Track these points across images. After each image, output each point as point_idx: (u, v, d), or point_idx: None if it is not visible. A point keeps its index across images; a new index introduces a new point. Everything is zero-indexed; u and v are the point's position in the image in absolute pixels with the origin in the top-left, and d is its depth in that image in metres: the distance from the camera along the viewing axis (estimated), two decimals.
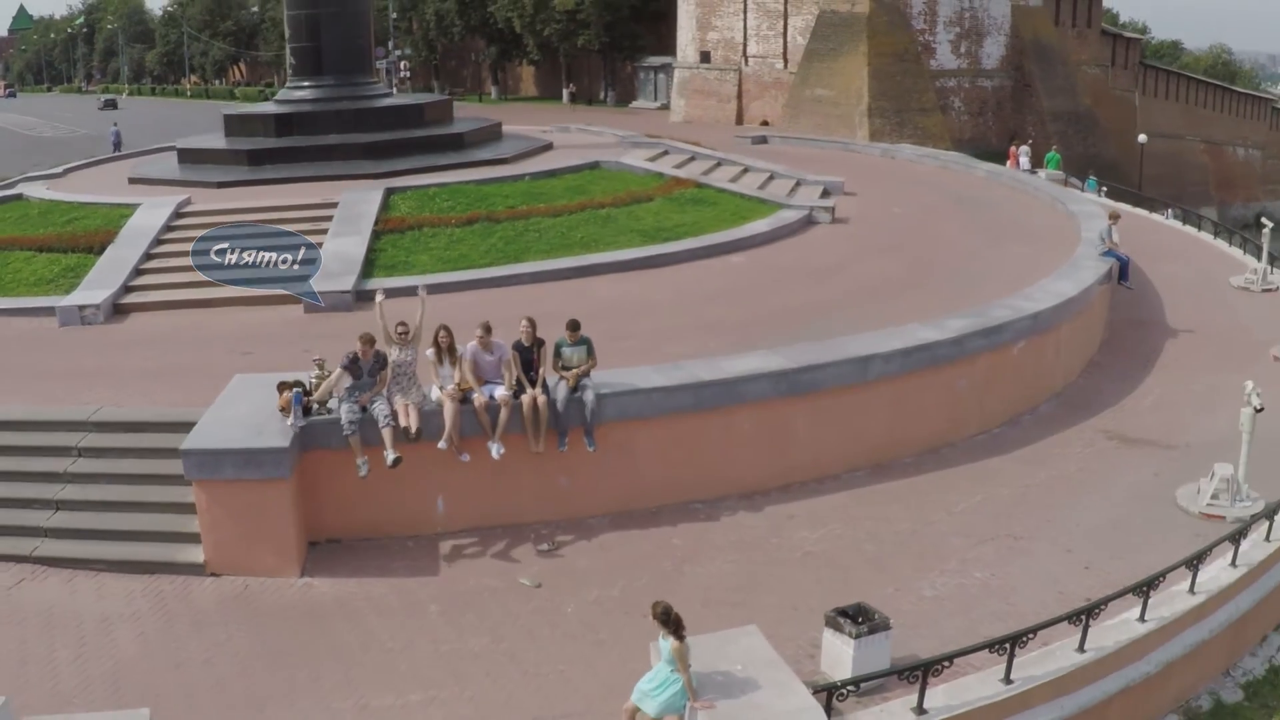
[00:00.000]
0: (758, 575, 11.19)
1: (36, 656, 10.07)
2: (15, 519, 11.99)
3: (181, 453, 10.97)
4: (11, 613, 10.86)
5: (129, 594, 11.01)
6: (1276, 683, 12.77)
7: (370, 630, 10.26)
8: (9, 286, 18.93)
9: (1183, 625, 11.07)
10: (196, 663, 9.80)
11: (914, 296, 17.73)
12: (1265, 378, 18.21)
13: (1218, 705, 11.97)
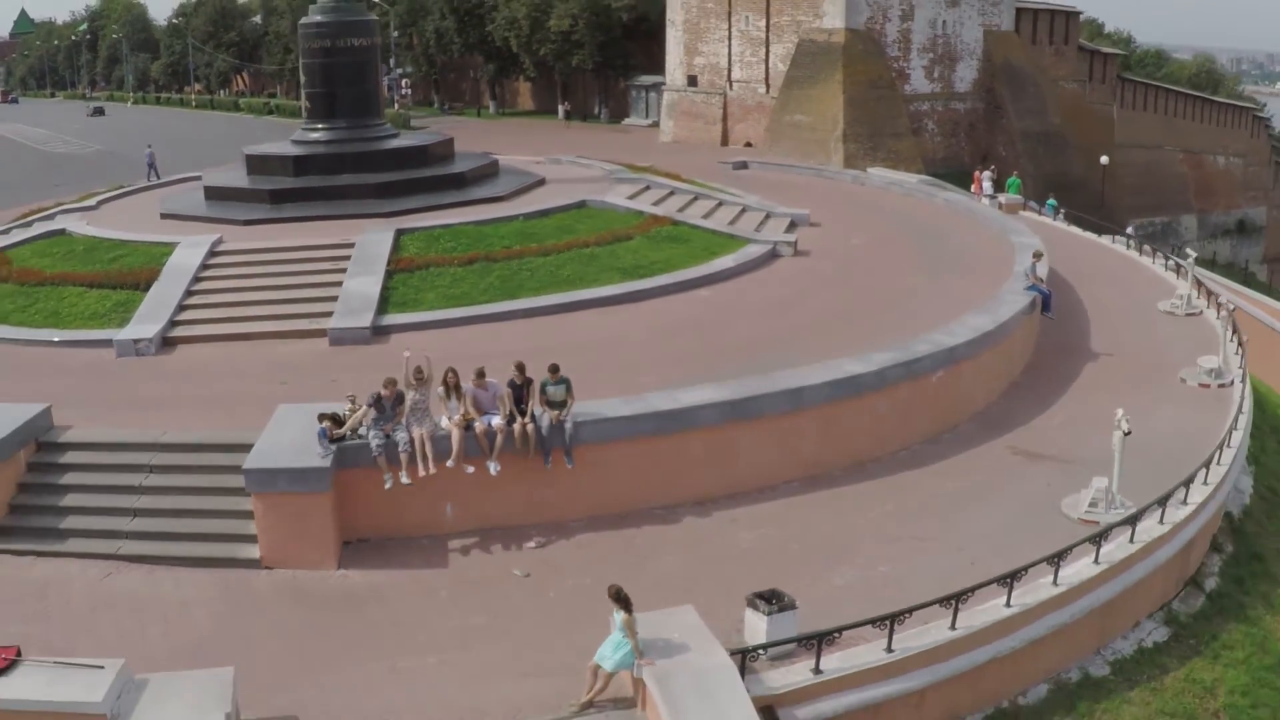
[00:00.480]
0: (703, 568, 14.00)
1: (130, 632, 12.85)
2: (101, 524, 14.81)
3: (244, 471, 13.80)
4: (106, 598, 13.67)
5: (200, 584, 13.83)
6: (1143, 662, 15.52)
7: (394, 610, 13.09)
8: (67, 320, 21.73)
9: (1045, 611, 13.78)
10: (259, 636, 12.60)
11: (855, 329, 20.52)
12: (1170, 398, 21.15)
13: (1085, 678, 14.72)
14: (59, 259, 24.90)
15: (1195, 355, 22.90)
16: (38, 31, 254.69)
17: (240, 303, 21.12)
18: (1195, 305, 27.48)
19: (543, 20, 65.69)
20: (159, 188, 35.06)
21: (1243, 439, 20.40)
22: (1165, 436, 18.81)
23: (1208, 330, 25.38)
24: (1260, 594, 17.83)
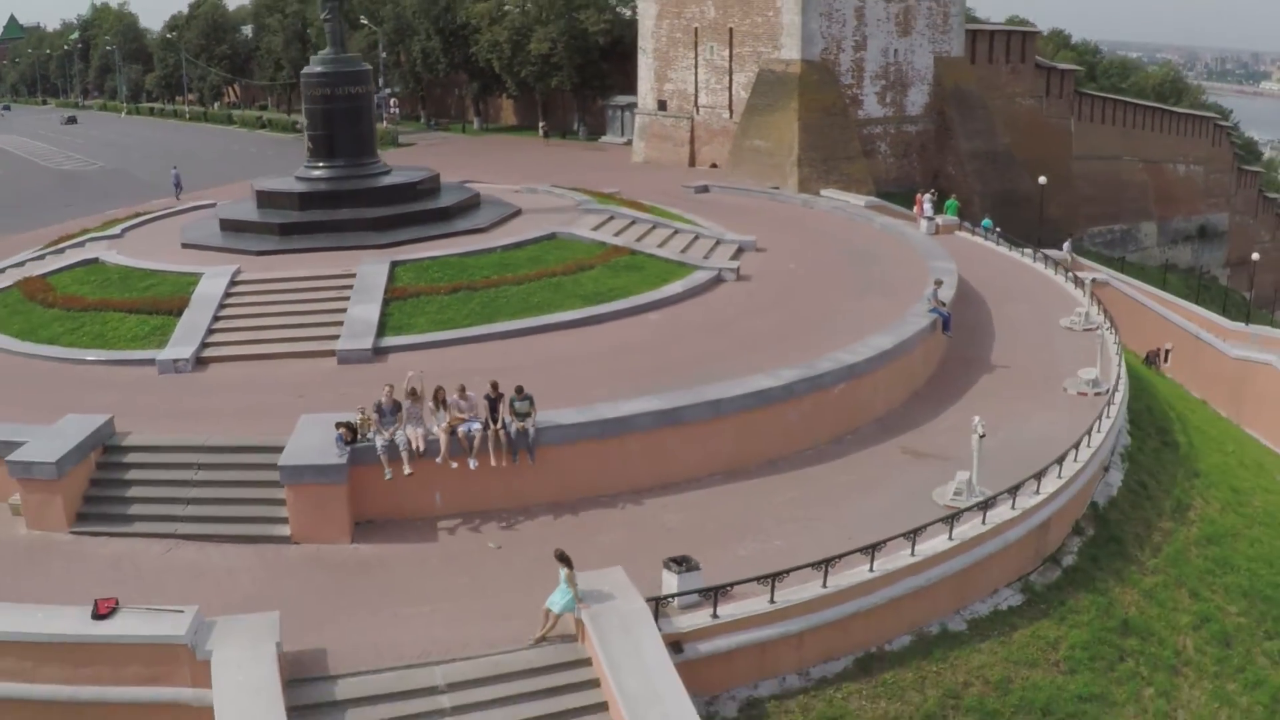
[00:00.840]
0: (636, 541, 17.95)
1: (191, 592, 16.68)
2: (160, 511, 18.70)
3: (278, 467, 17.72)
4: (168, 568, 17.56)
5: (242, 555, 17.74)
6: (996, 621, 19.43)
7: (396, 574, 17.05)
8: (112, 341, 25.58)
9: (903, 576, 17.71)
10: (292, 593, 16.50)
11: (780, 347, 24.47)
12: (1051, 405, 25.17)
13: (943, 632, 18.67)
14: (97, 286, 28.71)
15: (1081, 366, 27.01)
16: (28, 38, 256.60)
17: (260, 327, 25.03)
18: (1093, 321, 31.55)
19: (523, 43, 69.58)
20: (176, 215, 38.72)
21: (1111, 440, 24.52)
22: (1036, 438, 22.80)
23: (1100, 343, 29.42)
24: (1114, 570, 21.87)
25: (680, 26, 55.76)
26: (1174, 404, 34.91)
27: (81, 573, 17.43)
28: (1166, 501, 25.43)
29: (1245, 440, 40.13)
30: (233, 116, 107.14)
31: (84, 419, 19.82)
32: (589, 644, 14.92)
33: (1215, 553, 24.65)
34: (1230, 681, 20.97)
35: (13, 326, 27.48)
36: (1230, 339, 48.62)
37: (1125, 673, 19.53)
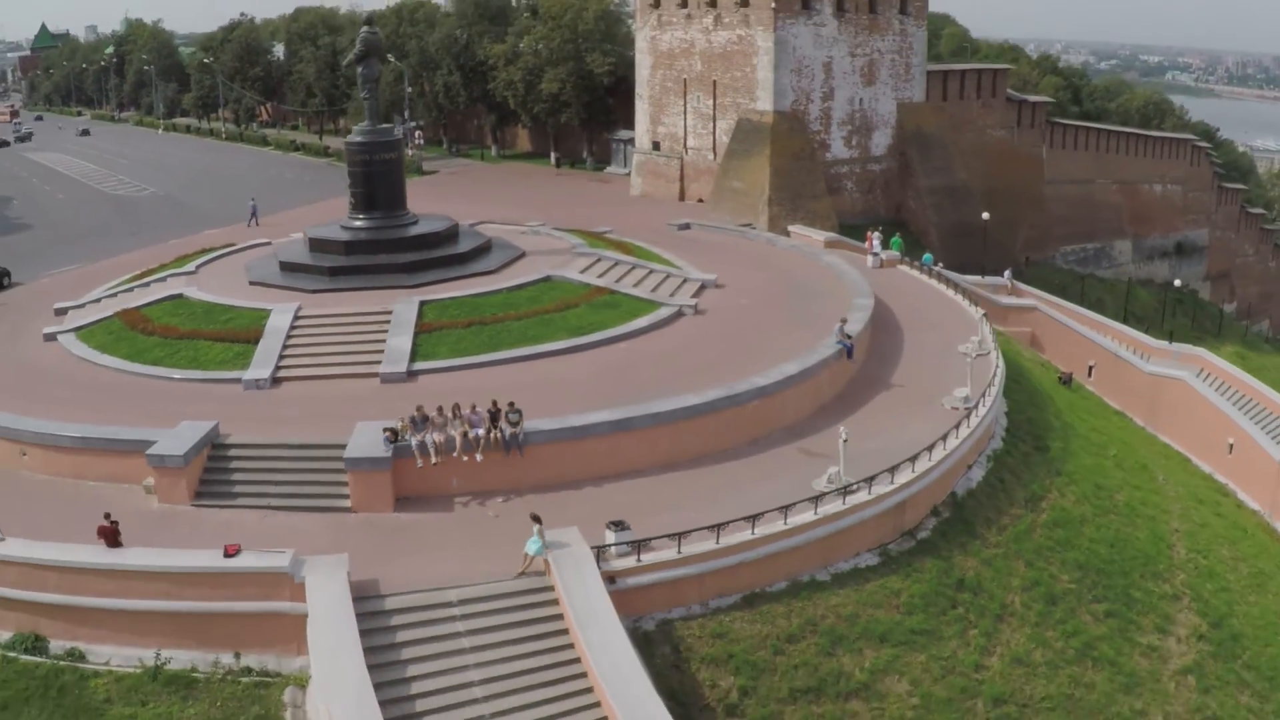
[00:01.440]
0: (593, 511, 25.61)
1: (281, 544, 24.52)
2: (257, 489, 26.60)
3: (344, 459, 25.60)
4: (264, 529, 25.38)
5: (316, 521, 25.61)
6: (854, 575, 26.70)
7: (424, 532, 24.92)
8: (205, 363, 33.54)
9: (778, 538, 25.38)
10: (354, 546, 24.26)
11: (716, 371, 32.12)
12: (928, 417, 32.64)
13: (811, 580, 26.33)
14: (186, 319, 36.73)
15: (961, 386, 34.53)
16: (62, 50, 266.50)
17: (319, 353, 32.94)
18: (986, 347, 39.02)
19: (536, 82, 77.49)
20: (239, 252, 46.70)
21: (973, 444, 32.05)
22: (909, 442, 30.33)
23: (988, 366, 36.90)
24: (959, 543, 29.48)
25: (672, 77, 63.56)
26: (1067, 416, 42.31)
27: (202, 532, 25.33)
28: (1021, 493, 33.04)
29: (1149, 446, 47.63)
30: (267, 138, 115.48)
31: (196, 424, 27.78)
32: (552, 577, 22.70)
33: (1059, 534, 32.26)
34: (1049, 630, 28.53)
35: (121, 350, 35.53)
36: (1154, 356, 56.06)
37: (954, 617, 27.15)
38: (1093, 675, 27.71)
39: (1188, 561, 35.43)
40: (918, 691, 24.55)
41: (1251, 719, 29.94)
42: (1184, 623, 32.01)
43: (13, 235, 65.52)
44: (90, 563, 23.05)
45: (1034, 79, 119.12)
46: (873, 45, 60.42)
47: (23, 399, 32.12)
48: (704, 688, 22.85)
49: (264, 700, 21.91)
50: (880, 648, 25.03)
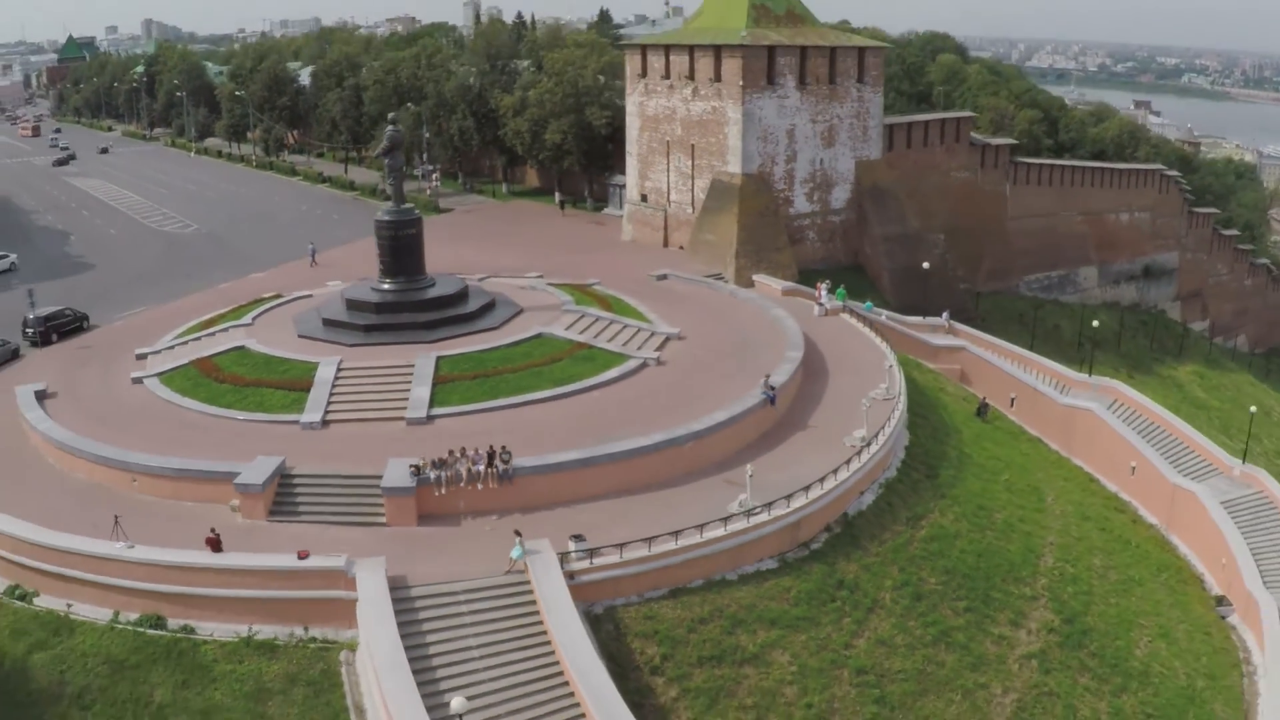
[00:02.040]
0: (564, 528, 35.26)
1: (336, 549, 34.38)
2: (318, 508, 36.46)
3: (381, 487, 35.47)
4: (323, 538, 35.21)
5: (361, 532, 35.47)
6: (755, 577, 36.47)
7: (439, 542, 34.77)
8: (268, 407, 43.39)
9: (695, 548, 35.01)
10: (389, 550, 34.07)
11: (666, 418, 41.76)
12: (829, 453, 42.15)
13: (722, 579, 35.97)
14: (250, 368, 46.60)
15: (860, 427, 44.05)
16: (91, 63, 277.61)
17: (358, 400, 42.75)
18: (892, 392, 48.49)
19: (541, 132, 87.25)
20: (286, 304, 56.54)
21: (864, 474, 41.52)
22: (810, 474, 39.98)
23: (890, 409, 46.40)
24: (844, 553, 39.09)
25: (657, 139, 73.23)
26: (968, 447, 51.66)
27: (277, 541, 35.17)
28: (905, 514, 42.60)
29: (1056, 470, 56.78)
30: (295, 168, 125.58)
31: (269, 459, 37.66)
32: (529, 574, 32.45)
33: (934, 546, 41.80)
34: (912, 620, 38.10)
35: (199, 394, 45.41)
36: (1073, 388, 65.30)
37: (832, 609, 36.74)
38: (945, 655, 37.26)
39: (1053, 569, 44.91)
40: (796, 662, 34.20)
41: (1088, 695, 39.40)
42: (1037, 618, 41.51)
43: (80, 275, 75.56)
44: (201, 563, 32.98)
45: (1011, 112, 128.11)
46: (832, 111, 69.86)
47: (125, 435, 42.09)
48: (635, 654, 32.56)
49: (326, 659, 31.77)
50: (770, 629, 34.71)
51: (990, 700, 36.68)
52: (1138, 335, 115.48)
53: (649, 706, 31.39)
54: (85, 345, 57.44)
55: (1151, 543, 53.65)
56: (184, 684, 31.83)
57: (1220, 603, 49.32)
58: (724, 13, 69.79)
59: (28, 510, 37.33)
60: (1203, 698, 42.15)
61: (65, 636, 33.99)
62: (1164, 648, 43.92)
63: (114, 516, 35.05)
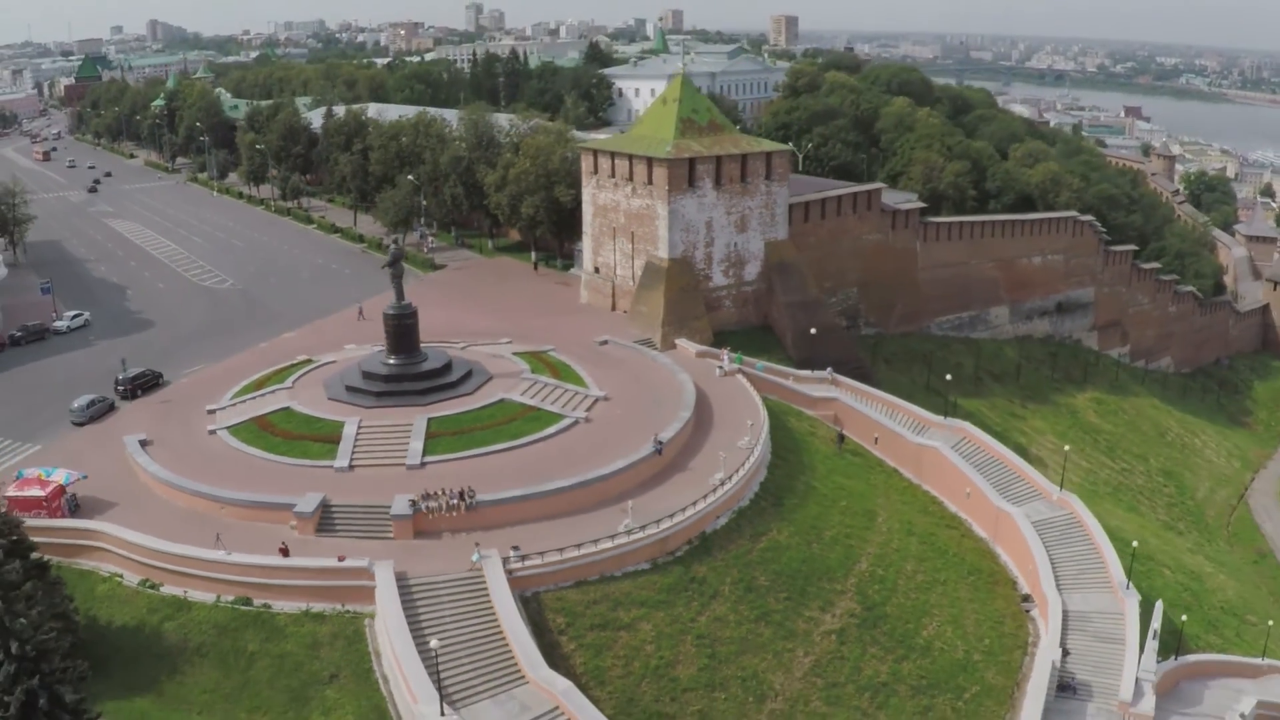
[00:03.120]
0: (508, 541, 55.38)
1: (361, 554, 54.67)
2: (350, 527, 56.83)
3: (391, 514, 55.87)
4: (353, 548, 55.47)
5: (377, 544, 55.73)
6: (634, 574, 56.83)
7: (428, 550, 55.03)
8: (310, 455, 63.62)
9: (592, 555, 55.27)
10: (395, 554, 54.29)
11: (584, 464, 61.90)
12: (698, 490, 62.58)
13: (611, 575, 56.20)
14: (295, 425, 66.87)
15: (722, 470, 64.25)
16: (109, 87, 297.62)
17: (373, 450, 62.99)
18: (753, 444, 68.50)
19: (518, 205, 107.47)
20: (318, 369, 76.77)
21: (721, 504, 61.76)
22: (678, 505, 60.20)
23: (747, 454, 66.54)
24: (698, 559, 59.47)
25: (606, 225, 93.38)
26: (818, 480, 71.67)
27: (323, 550, 55.50)
28: (749, 531, 62.74)
29: (905, 495, 76.31)
30: (310, 216, 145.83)
31: (315, 494, 58.01)
32: (484, 571, 52.75)
33: (768, 555, 61.97)
34: (742, 605, 58.37)
35: (260, 445, 65.59)
36: (929, 428, 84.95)
37: (684, 596, 56.94)
38: (764, 629, 57.33)
39: (865, 571, 64.78)
40: (655, 630, 54.37)
41: (873, 661, 59.02)
42: (842, 606, 61.48)
43: (145, 333, 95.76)
44: (275, 564, 53.35)
45: (941, 165, 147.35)
46: (744, 204, 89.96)
47: (211, 475, 62.29)
48: (549, 622, 52.76)
49: (356, 623, 52.11)
50: (640, 609, 54.95)
51: (793, 660, 56.65)
52: (1042, 366, 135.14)
53: (556, 655, 51.48)
54: (164, 400, 77.55)
55: (976, 553, 72.88)
56: (266, 639, 52.15)
57: (1025, 600, 68.11)
58: (658, 123, 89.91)
59: (149, 528, 57.49)
60: (976, 667, 61.19)
61: (185, 612, 54.25)
62: (950, 630, 63.32)
63: (216, 535, 55.48)
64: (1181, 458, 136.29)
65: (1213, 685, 68.10)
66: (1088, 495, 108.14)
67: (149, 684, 50.86)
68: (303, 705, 49.35)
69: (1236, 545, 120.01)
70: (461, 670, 47.48)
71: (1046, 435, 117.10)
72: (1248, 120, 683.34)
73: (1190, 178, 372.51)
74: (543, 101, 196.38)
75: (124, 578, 56.86)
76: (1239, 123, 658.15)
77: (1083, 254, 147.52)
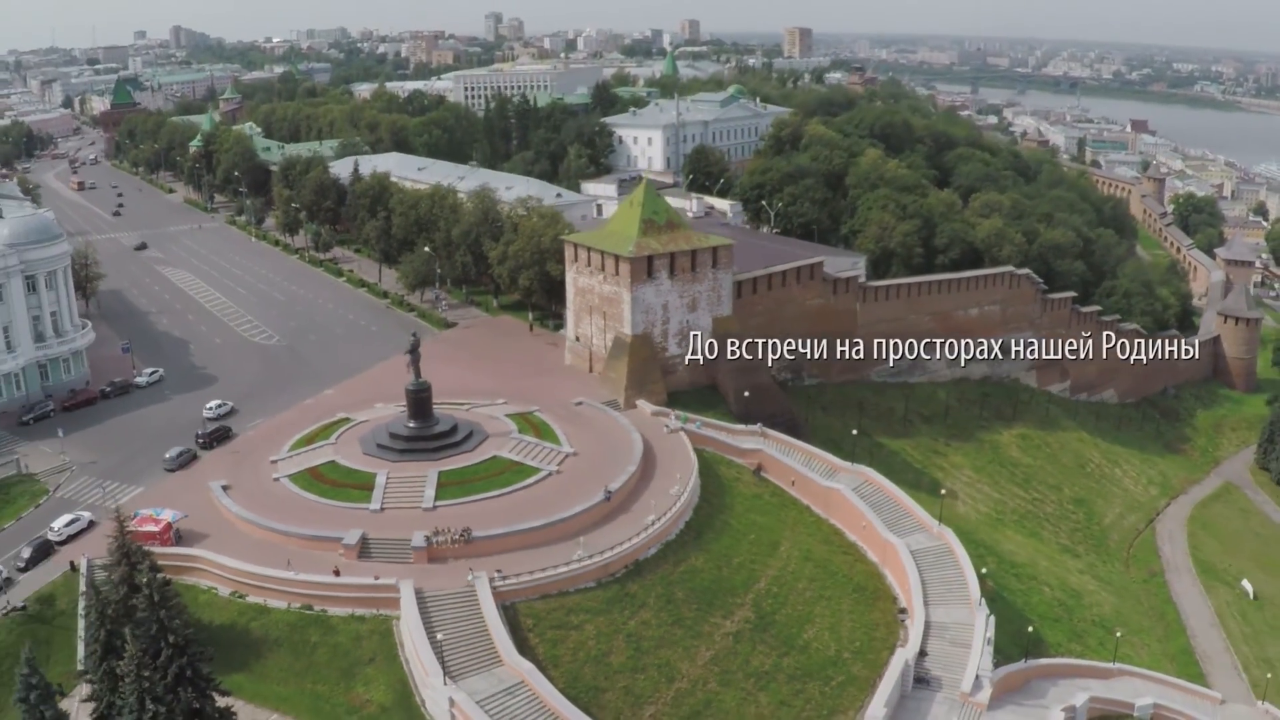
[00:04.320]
0: (494, 565, 79.93)
1: (391, 575, 79.44)
2: (383, 553, 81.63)
3: (411, 546, 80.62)
4: (385, 570, 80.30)
5: (401, 566, 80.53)
6: (583, 591, 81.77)
7: (438, 573, 79.68)
8: (352, 499, 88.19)
9: (554, 577, 79.71)
10: (415, 574, 78.98)
11: (553, 508, 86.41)
12: (636, 529, 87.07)
13: (567, 592, 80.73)
14: (339, 475, 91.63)
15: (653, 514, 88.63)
16: (146, 120, 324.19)
17: (398, 495, 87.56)
18: (681, 491, 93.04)
19: (516, 277, 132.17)
20: (354, 428, 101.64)
21: (650, 539, 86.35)
22: (616, 540, 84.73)
23: (676, 499, 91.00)
24: (633, 580, 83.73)
25: (584, 303, 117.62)
26: (735, 517, 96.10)
27: (363, 572, 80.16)
28: (673, 559, 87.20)
29: (814, 528, 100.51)
30: (341, 270, 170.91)
31: (356, 530, 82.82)
32: (476, 588, 77.24)
33: (686, 576, 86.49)
34: (663, 612, 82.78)
35: (314, 490, 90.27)
36: (838, 473, 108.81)
37: (620, 606, 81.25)
38: (677, 630, 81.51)
39: (763, 589, 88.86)
40: (596, 630, 78.62)
41: (760, 655, 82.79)
42: (740, 615, 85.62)
43: (211, 388, 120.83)
44: (331, 581, 78.22)
45: (892, 225, 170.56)
46: (695, 289, 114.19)
47: (278, 514, 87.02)
48: (521, 623, 77.05)
49: (386, 623, 76.69)
50: (586, 615, 79.35)
51: (697, 653, 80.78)
52: (974, 406, 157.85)
53: (525, 646, 75.45)
54: (234, 450, 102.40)
55: (865, 574, 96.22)
56: (323, 634, 76.79)
57: (902, 612, 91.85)
58: (625, 222, 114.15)
59: (235, 554, 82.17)
60: (846, 663, 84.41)
61: (265, 615, 78.85)
62: (827, 634, 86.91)
63: (287, 560, 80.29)
64: (1097, 486, 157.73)
65: (1061, 683, 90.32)
66: (992, 523, 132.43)
67: (242, 665, 75.09)
68: (350, 679, 73.87)
69: (1133, 565, 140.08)
70: (459, 655, 71.80)
71: (964, 470, 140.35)
72: (1259, 130, 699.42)
73: (1179, 199, 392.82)
74: (549, 150, 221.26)
75: (218, 590, 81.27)
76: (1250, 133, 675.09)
77: (1020, 303, 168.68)
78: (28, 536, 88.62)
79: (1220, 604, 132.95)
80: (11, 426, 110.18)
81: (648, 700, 75.14)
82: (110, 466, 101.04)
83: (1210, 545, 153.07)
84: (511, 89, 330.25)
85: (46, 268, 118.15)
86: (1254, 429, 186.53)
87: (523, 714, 68.41)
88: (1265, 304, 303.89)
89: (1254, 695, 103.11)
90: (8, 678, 72.82)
